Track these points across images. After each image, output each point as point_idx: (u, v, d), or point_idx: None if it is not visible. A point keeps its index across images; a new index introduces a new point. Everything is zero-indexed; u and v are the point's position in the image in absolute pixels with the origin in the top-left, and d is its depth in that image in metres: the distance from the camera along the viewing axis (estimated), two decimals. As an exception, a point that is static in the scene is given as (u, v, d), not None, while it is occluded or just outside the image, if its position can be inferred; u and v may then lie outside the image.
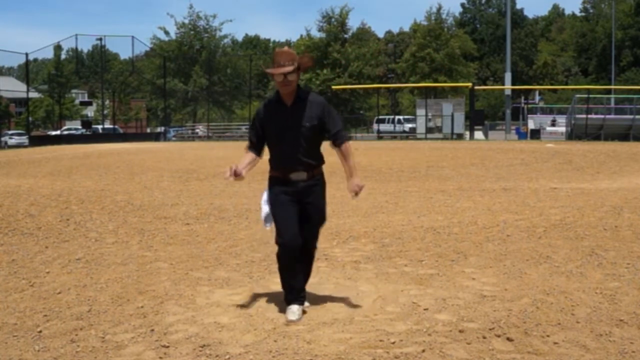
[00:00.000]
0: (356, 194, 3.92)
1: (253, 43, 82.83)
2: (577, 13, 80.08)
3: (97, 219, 7.64)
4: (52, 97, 53.28)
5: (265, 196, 4.01)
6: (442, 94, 47.61)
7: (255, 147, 3.96)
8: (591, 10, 76.41)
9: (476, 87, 45.52)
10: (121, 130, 47.37)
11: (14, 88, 44.93)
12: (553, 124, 37.35)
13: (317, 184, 3.91)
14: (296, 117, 3.80)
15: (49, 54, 58.99)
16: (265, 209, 3.96)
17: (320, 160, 3.93)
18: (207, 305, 4.09)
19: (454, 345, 3.30)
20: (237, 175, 3.79)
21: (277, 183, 3.88)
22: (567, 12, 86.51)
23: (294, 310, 3.79)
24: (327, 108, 3.90)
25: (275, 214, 3.85)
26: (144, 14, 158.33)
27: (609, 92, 48.07)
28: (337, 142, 3.88)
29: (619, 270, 4.86)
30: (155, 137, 42.30)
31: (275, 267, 5.11)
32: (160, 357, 3.21)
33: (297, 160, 3.82)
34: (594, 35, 68.86)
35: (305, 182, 3.85)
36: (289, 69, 3.72)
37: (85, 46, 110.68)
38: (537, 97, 54.44)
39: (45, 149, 28.02)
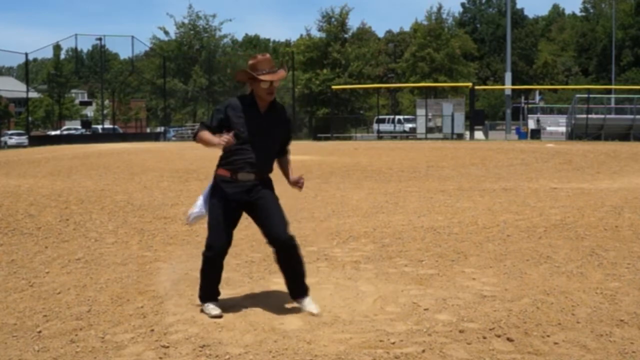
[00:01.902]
0: (301, 187, 4.03)
1: (253, 43, 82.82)
2: (578, 13, 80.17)
3: (96, 219, 7.64)
4: (51, 97, 53.24)
5: (206, 192, 4.00)
6: (442, 94, 47.60)
7: (211, 131, 3.83)
8: (591, 10, 76.41)
9: (476, 87, 45.50)
10: (121, 130, 47.36)
11: (14, 88, 44.90)
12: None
13: (265, 183, 3.92)
14: (270, 125, 3.85)
15: (49, 54, 58.98)
16: (200, 209, 3.97)
17: (272, 167, 3.99)
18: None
19: (454, 346, 3.30)
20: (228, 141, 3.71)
21: (224, 183, 3.86)
22: (568, 11, 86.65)
23: (212, 307, 3.87)
24: (290, 120, 4.08)
25: (213, 218, 3.87)
26: (143, 14, 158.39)
27: (609, 92, 48.04)
28: (286, 152, 4.07)
29: (620, 271, 4.86)
30: (155, 137, 42.29)
31: (275, 267, 5.12)
32: (160, 357, 3.21)
33: (261, 166, 3.84)
34: (594, 35, 68.84)
35: (252, 182, 3.84)
36: (284, 74, 3.80)
37: (85, 46, 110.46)
38: (538, 97, 54.43)
39: (45, 149, 28.01)
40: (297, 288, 3.97)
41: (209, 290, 3.97)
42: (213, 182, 3.96)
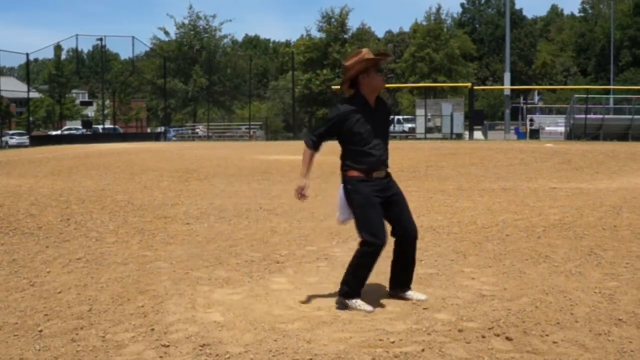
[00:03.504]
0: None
1: (253, 43, 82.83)
2: (576, 13, 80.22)
3: (97, 219, 7.65)
4: (52, 98, 53.23)
5: (342, 194, 4.06)
6: (441, 94, 47.61)
7: (318, 145, 4.12)
8: (590, 11, 76.46)
9: (476, 88, 45.51)
10: (122, 131, 47.34)
11: (15, 88, 44.88)
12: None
13: (392, 179, 4.16)
14: (382, 118, 4.05)
15: (50, 55, 59.08)
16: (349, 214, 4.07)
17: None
18: (207, 305, 4.10)
19: (454, 345, 3.31)
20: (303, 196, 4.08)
21: (362, 182, 3.97)
22: (566, 12, 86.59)
23: (364, 303, 3.96)
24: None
25: (369, 214, 3.93)
26: (144, 15, 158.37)
27: (608, 92, 48.07)
28: None
29: (618, 270, 4.87)
30: (156, 137, 42.28)
31: (275, 267, 5.14)
32: (161, 357, 3.23)
33: (384, 160, 4.05)
34: (593, 35, 68.90)
35: (384, 179, 4.06)
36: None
37: (86, 46, 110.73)
38: (537, 98, 54.49)
39: (46, 149, 28.01)
40: (407, 281, 4.19)
41: (359, 287, 4.01)
42: (353, 185, 3.99)
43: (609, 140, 30.32)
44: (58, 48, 54.10)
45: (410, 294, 4.15)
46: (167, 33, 49.42)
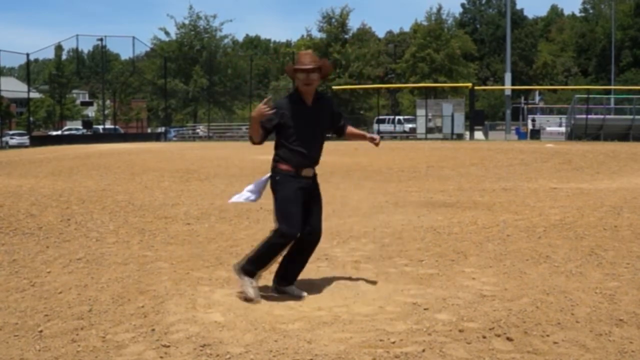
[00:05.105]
0: (377, 143, 4.39)
1: (254, 43, 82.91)
2: (577, 13, 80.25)
3: (98, 219, 7.65)
4: (53, 98, 53.28)
5: (260, 183, 4.24)
6: (442, 94, 47.66)
7: (264, 137, 4.13)
8: (591, 11, 76.48)
9: (476, 88, 45.55)
10: (122, 131, 47.39)
11: (15, 88, 44.87)
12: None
13: (316, 179, 4.28)
14: (317, 117, 4.14)
15: (50, 54, 59.21)
16: (248, 195, 4.24)
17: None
18: (207, 304, 4.10)
19: (454, 345, 3.31)
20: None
21: (291, 177, 4.07)
22: (567, 12, 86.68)
23: (251, 287, 4.13)
24: (335, 105, 4.46)
25: (291, 208, 4.02)
26: (144, 15, 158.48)
27: (608, 92, 48.09)
28: (345, 126, 4.40)
29: (619, 270, 4.87)
30: (156, 137, 42.32)
31: (275, 267, 5.13)
32: (161, 357, 3.22)
33: (312, 158, 4.15)
34: (593, 35, 68.94)
35: (311, 177, 4.18)
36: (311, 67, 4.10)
37: (86, 46, 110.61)
38: (537, 98, 54.53)
39: (46, 149, 28.02)
40: (294, 275, 4.33)
41: (258, 269, 4.18)
42: (281, 179, 4.08)
43: (610, 140, 30.34)
44: (58, 48, 54.26)
45: (292, 288, 4.26)
46: (167, 33, 49.50)
